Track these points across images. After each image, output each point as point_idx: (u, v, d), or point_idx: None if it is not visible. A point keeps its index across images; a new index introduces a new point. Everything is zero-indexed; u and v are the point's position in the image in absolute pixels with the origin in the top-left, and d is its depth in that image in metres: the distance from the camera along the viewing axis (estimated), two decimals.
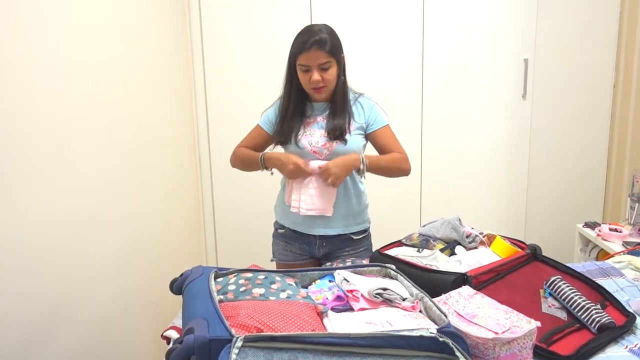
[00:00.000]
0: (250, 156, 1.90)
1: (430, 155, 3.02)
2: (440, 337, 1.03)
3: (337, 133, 1.80)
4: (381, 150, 1.88)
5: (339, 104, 1.83)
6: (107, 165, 1.89)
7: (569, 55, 2.95)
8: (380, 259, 1.61)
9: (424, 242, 1.73)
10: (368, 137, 1.89)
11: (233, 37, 2.87)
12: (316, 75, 1.75)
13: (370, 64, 2.89)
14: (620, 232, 2.36)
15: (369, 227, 1.98)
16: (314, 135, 1.84)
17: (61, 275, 1.60)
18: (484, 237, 1.74)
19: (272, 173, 1.90)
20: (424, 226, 1.83)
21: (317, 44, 1.73)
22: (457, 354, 1.03)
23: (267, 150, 1.92)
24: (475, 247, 1.71)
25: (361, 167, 1.78)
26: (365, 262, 1.77)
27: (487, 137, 3.02)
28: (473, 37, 2.89)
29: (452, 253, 1.67)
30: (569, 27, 2.92)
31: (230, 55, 2.89)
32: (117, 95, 1.97)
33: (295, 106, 1.85)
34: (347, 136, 1.81)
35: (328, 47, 1.74)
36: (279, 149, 1.89)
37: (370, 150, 1.89)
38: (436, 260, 1.59)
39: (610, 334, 1.33)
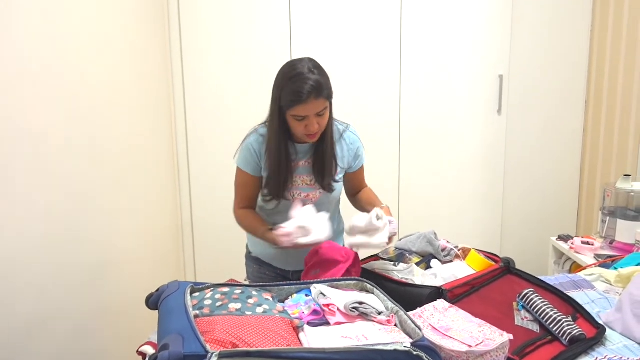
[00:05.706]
0: (255, 232, 1.75)
1: (408, 170, 3.05)
2: (414, 350, 1.05)
3: (325, 185, 1.70)
4: (352, 185, 1.82)
5: (325, 149, 1.66)
6: (82, 177, 1.87)
7: (543, 72, 3.03)
8: None
9: (400, 255, 1.75)
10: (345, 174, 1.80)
11: (213, 48, 2.87)
12: (315, 125, 1.55)
13: (347, 80, 2.92)
14: (592, 245, 2.40)
15: None
16: (296, 184, 1.72)
17: (36, 289, 1.58)
18: (459, 250, 1.76)
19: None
20: (401, 240, 1.85)
21: (314, 93, 1.50)
22: None
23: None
24: (451, 261, 1.74)
25: None
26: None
27: (464, 151, 3.07)
28: (449, 54, 2.95)
29: (428, 267, 1.69)
30: (542, 45, 3.00)
31: (211, 70, 2.90)
32: (95, 105, 1.95)
33: (285, 156, 1.65)
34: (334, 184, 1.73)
35: (326, 91, 1.53)
36: None
37: None
38: (412, 274, 1.61)
39: (581, 346, 1.36)
